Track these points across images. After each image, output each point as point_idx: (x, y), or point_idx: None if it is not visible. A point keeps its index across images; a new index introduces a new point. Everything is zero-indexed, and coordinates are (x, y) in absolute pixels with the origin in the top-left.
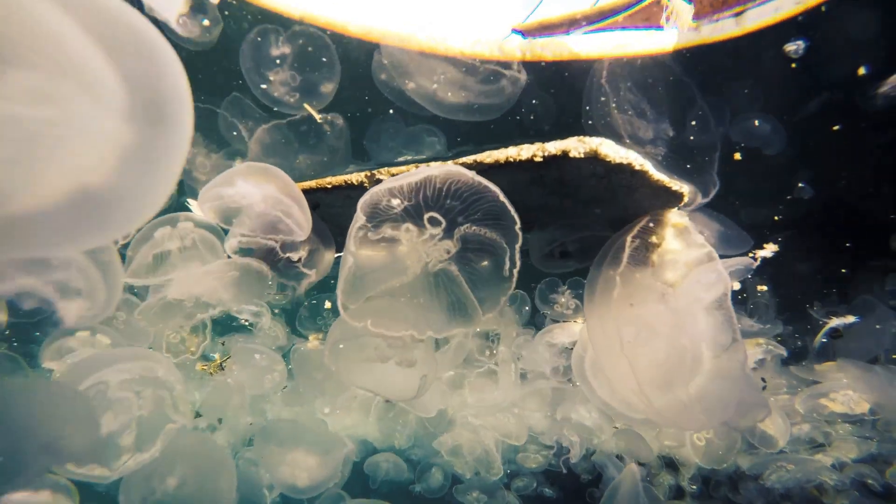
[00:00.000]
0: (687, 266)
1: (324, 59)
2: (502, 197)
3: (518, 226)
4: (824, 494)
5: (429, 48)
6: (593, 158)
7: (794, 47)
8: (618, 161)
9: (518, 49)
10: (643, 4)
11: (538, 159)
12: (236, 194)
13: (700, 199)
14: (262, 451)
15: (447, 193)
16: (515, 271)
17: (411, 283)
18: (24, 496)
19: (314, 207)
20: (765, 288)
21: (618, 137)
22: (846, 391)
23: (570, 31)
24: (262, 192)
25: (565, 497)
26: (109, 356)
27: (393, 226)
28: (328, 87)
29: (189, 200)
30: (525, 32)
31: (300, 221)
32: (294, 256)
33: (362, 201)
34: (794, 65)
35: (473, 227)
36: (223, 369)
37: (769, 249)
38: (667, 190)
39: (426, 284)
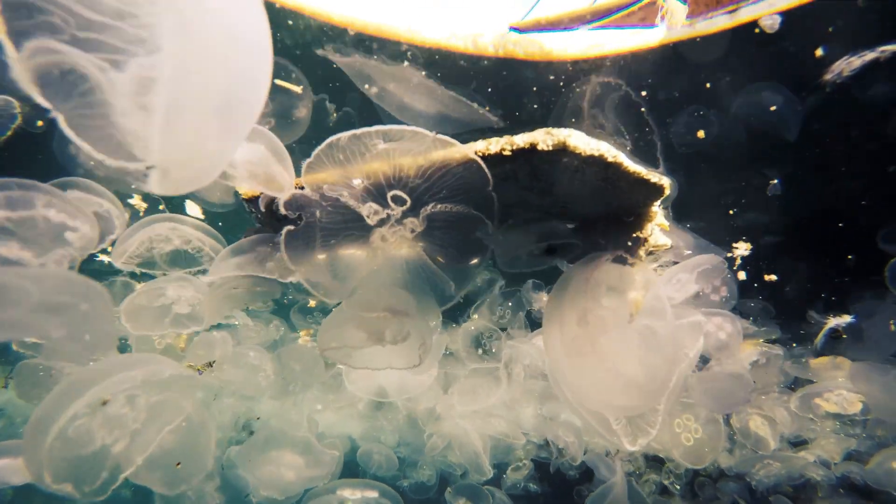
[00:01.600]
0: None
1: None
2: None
3: (490, 187)
4: (818, 490)
5: (406, 38)
6: (562, 150)
7: (769, 21)
8: (588, 153)
9: (491, 45)
10: (640, 4)
11: (507, 153)
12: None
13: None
14: (251, 463)
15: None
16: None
17: (384, 265)
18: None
19: (300, 208)
20: (774, 277)
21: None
22: (840, 391)
23: (566, 30)
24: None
25: (553, 494)
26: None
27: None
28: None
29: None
30: (521, 29)
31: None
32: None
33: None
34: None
35: (440, 206)
36: (212, 367)
37: (743, 247)
38: (645, 183)
39: (398, 264)
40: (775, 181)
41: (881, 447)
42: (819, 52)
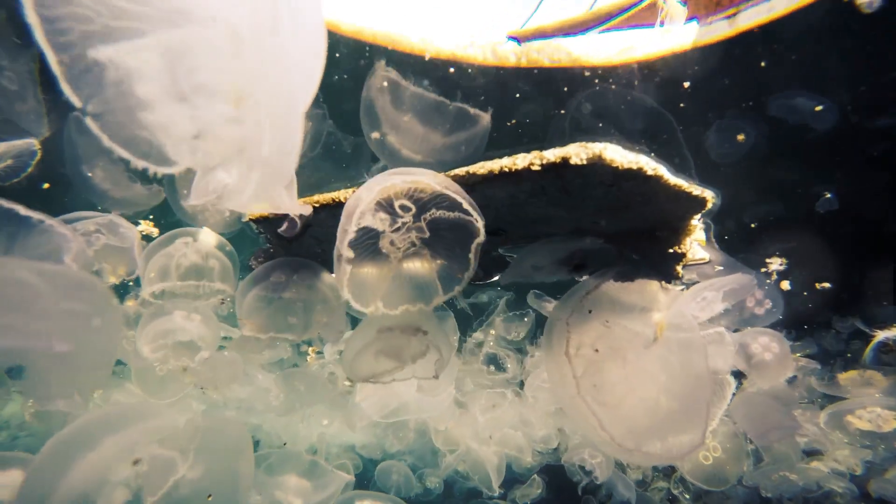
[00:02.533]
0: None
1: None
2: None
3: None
4: (838, 500)
5: (419, 50)
6: (597, 164)
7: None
8: (626, 166)
9: (513, 53)
10: (639, 8)
11: (535, 168)
12: None
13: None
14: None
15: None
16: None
17: (395, 281)
18: None
19: (305, 228)
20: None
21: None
22: (874, 408)
23: (565, 36)
24: None
25: (560, 501)
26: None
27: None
28: None
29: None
30: (520, 39)
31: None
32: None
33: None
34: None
35: (440, 212)
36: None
37: (776, 262)
38: (687, 196)
39: (408, 279)
40: (829, 195)
41: None
42: None
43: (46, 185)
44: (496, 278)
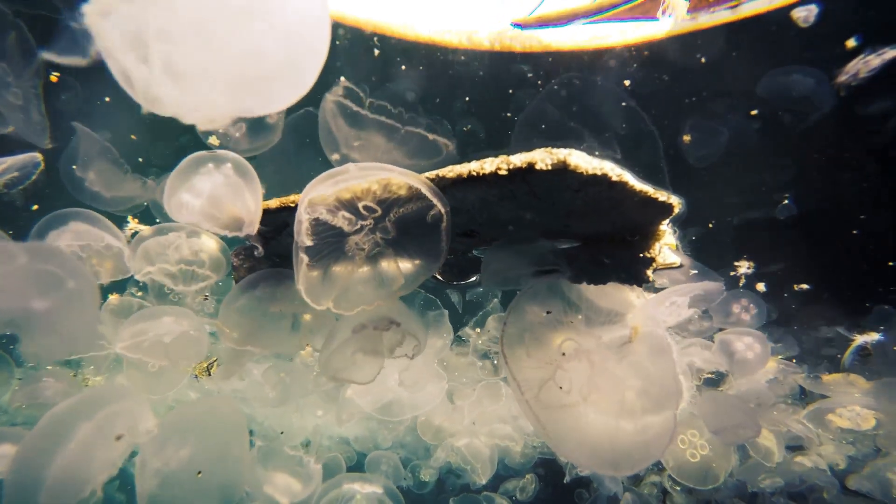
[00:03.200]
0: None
1: None
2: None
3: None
4: (824, 494)
5: (399, 34)
6: (562, 171)
7: (804, 13)
8: (591, 172)
9: (486, 39)
10: None
11: (503, 173)
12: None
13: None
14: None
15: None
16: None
17: (363, 280)
18: None
19: (283, 227)
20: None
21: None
22: (853, 406)
23: (567, 24)
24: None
25: (553, 496)
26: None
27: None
28: None
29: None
30: (524, 26)
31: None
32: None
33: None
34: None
35: (402, 209)
36: (210, 374)
37: (745, 266)
38: (653, 201)
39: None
40: (786, 200)
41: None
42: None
43: (35, 207)
44: (473, 279)
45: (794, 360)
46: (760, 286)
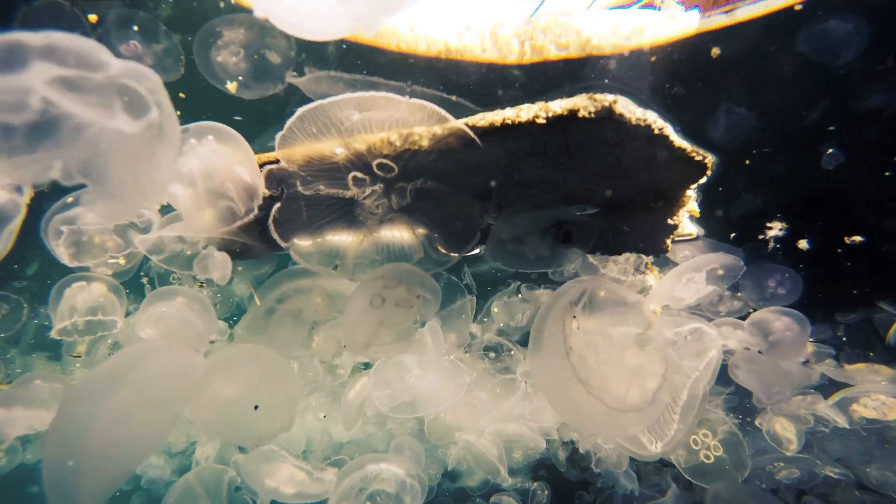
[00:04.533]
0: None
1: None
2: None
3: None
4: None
5: (407, 49)
6: (606, 119)
7: None
8: (635, 121)
9: (516, 38)
10: None
11: (541, 121)
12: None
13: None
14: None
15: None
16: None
17: (373, 238)
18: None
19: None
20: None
21: None
22: (878, 395)
23: None
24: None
25: (553, 497)
26: None
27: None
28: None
29: None
30: None
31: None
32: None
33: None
34: None
35: (429, 182)
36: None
37: (776, 228)
38: (688, 160)
39: (385, 246)
40: (831, 150)
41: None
42: None
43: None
44: (478, 251)
45: (827, 344)
46: (803, 243)
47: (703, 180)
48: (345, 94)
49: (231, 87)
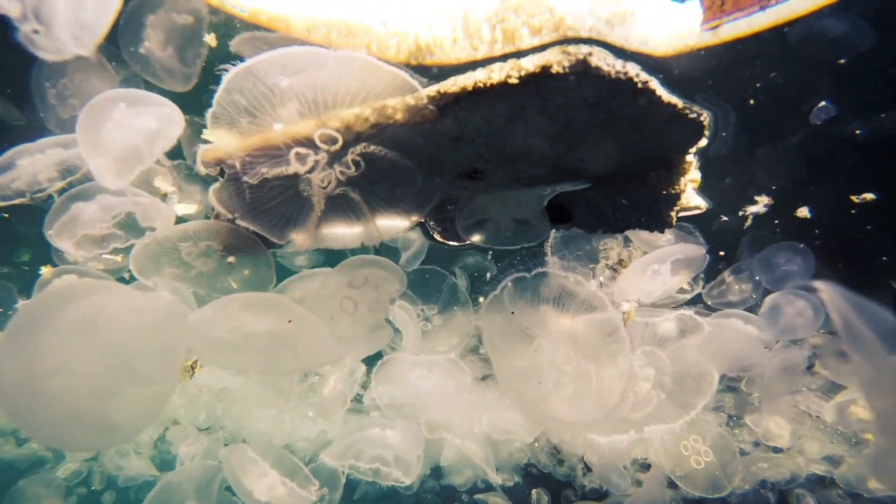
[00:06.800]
0: None
1: None
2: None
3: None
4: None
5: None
6: (582, 74)
7: None
8: (615, 75)
9: (487, 23)
10: None
11: (513, 81)
12: None
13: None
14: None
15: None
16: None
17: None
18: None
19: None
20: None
21: None
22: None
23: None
24: None
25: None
26: None
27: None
28: None
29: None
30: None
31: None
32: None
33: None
34: None
35: (372, 147)
36: (193, 374)
37: (761, 203)
38: (681, 117)
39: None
40: (823, 102)
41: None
42: None
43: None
44: (472, 241)
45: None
46: (803, 211)
47: (703, 143)
48: (266, 54)
49: None
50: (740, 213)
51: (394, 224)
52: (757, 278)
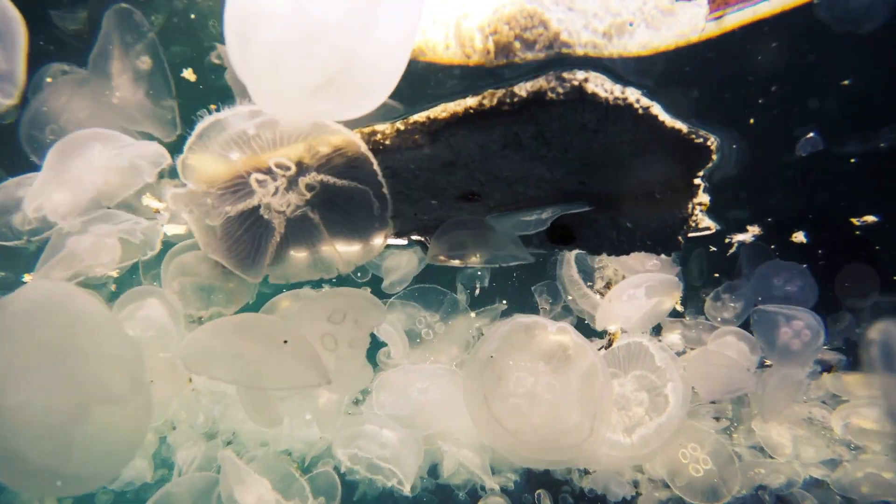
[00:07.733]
0: None
1: None
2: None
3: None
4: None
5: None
6: (577, 101)
7: None
8: (613, 101)
9: (479, 32)
10: None
11: (506, 109)
12: None
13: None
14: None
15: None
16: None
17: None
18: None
19: None
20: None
21: None
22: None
23: None
24: None
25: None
26: None
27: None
28: None
29: None
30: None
31: None
32: None
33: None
34: None
35: (322, 175)
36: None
37: (751, 232)
38: (686, 143)
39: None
40: (811, 134)
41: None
42: None
43: None
44: (475, 260)
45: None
46: (799, 236)
47: (710, 165)
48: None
49: None
50: (726, 241)
51: (353, 249)
52: (751, 297)
